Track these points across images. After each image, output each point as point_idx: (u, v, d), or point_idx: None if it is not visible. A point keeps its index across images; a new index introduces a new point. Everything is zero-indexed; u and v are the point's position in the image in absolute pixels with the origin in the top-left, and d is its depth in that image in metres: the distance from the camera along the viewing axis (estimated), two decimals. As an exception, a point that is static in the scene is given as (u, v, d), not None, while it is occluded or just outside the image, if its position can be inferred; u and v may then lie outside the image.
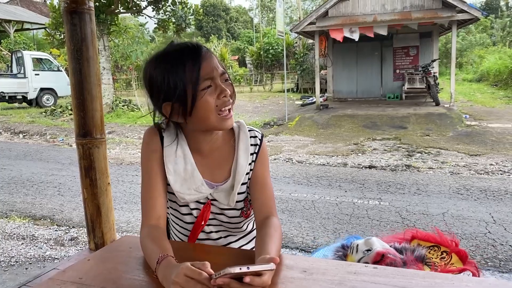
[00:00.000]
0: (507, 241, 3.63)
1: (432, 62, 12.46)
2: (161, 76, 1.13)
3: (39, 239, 4.01)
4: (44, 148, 8.66)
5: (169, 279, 0.91)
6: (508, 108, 12.55)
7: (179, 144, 1.22)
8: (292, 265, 0.99)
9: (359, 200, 4.88)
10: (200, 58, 1.12)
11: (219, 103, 1.13)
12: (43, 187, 5.69)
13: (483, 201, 4.71)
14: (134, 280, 0.96)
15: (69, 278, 0.98)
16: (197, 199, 1.23)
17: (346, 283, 0.88)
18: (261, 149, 1.27)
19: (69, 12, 1.74)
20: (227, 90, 1.13)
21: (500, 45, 28.26)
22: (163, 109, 1.17)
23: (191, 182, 1.20)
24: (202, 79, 1.10)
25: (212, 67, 1.12)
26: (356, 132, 9.61)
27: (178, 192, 1.21)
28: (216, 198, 1.24)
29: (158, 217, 1.18)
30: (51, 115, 13.33)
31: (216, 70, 1.13)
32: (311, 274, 0.93)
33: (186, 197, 1.21)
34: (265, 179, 1.26)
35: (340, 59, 14.58)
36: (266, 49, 21.97)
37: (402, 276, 0.89)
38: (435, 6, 11.31)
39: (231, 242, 1.34)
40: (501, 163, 6.40)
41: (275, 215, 1.22)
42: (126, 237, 1.28)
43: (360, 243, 1.65)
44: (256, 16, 44.66)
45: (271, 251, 1.00)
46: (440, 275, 0.89)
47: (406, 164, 6.56)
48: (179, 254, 1.01)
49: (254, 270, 0.84)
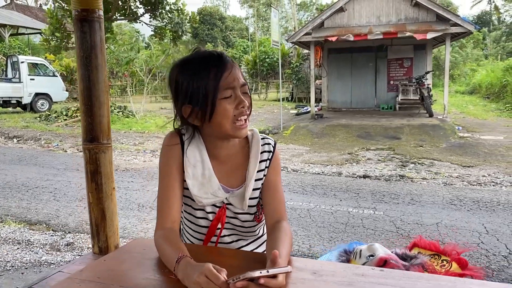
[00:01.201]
0: (500, 252, 3.69)
1: (425, 74, 12.63)
2: (186, 80, 1.20)
3: (35, 244, 4.00)
4: (38, 153, 8.64)
5: (191, 278, 0.95)
6: (499, 120, 12.72)
7: (198, 150, 1.26)
8: (302, 267, 1.03)
9: (354, 209, 4.93)
10: (224, 68, 1.18)
11: (237, 113, 1.19)
12: (38, 192, 5.68)
13: (476, 211, 4.78)
14: (150, 280, 1.00)
15: (87, 277, 1.01)
16: (214, 202, 1.27)
17: (355, 284, 0.92)
18: (274, 156, 1.34)
19: (80, 20, 1.78)
20: (246, 102, 1.19)
21: (492, 58, 28.68)
22: (183, 110, 1.21)
23: (209, 187, 1.25)
24: (223, 88, 1.16)
25: (234, 77, 1.18)
26: (350, 142, 9.69)
27: (196, 195, 1.25)
28: (231, 202, 1.29)
29: (174, 220, 1.22)
30: (46, 120, 13.30)
31: (238, 81, 1.19)
32: (320, 276, 0.97)
33: (203, 201, 1.26)
34: (277, 185, 1.31)
35: (335, 70, 14.72)
36: (262, 58, 22.10)
37: (408, 278, 0.93)
38: (430, 19, 11.49)
39: (242, 246, 1.37)
40: (493, 175, 6.49)
41: (286, 219, 1.27)
42: (139, 240, 1.32)
43: (363, 249, 1.69)
44: (251, 25, 44.96)
45: (282, 254, 1.04)
46: (443, 277, 0.93)
47: (400, 174, 6.63)
48: (194, 256, 1.04)
49: (271, 274, 0.88)
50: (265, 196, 1.30)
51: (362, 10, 12.15)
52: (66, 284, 1.01)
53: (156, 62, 15.46)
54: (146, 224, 4.49)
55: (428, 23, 11.44)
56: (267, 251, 1.14)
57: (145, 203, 5.21)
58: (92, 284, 0.98)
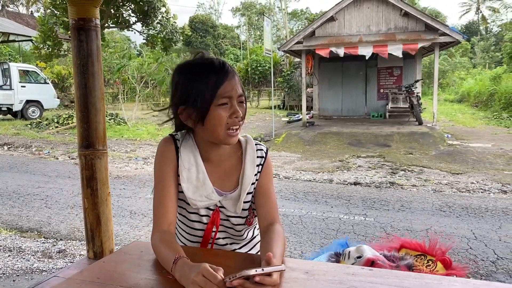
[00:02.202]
0: (488, 257, 3.76)
1: (415, 83, 12.80)
2: (186, 81, 1.25)
3: (26, 251, 3.99)
4: (29, 160, 8.59)
5: (189, 277, 0.98)
6: (487, 128, 12.90)
7: (192, 153, 1.31)
8: (295, 267, 1.07)
9: (345, 215, 4.98)
10: (225, 77, 1.23)
11: (230, 122, 1.23)
12: (29, 199, 5.66)
13: (464, 218, 4.85)
14: (149, 280, 1.03)
15: (87, 278, 1.04)
16: (207, 205, 1.31)
17: (345, 282, 0.96)
18: (266, 161, 1.39)
19: (77, 29, 1.81)
20: (240, 112, 1.25)
21: (480, 67, 29.12)
22: (179, 110, 1.27)
23: (203, 190, 1.29)
24: (221, 96, 1.21)
25: (232, 87, 1.23)
26: (341, 149, 9.77)
27: (190, 198, 1.29)
28: (224, 205, 1.33)
29: (170, 223, 1.25)
30: (37, 128, 13.22)
31: (236, 92, 1.24)
32: (313, 275, 1.01)
33: (198, 204, 1.29)
34: (269, 189, 1.36)
35: (326, 78, 14.86)
36: (253, 67, 22.23)
37: (396, 277, 0.98)
38: (419, 29, 11.68)
39: (235, 249, 1.41)
40: (482, 182, 6.59)
41: (278, 222, 1.31)
42: (136, 242, 1.35)
43: (352, 250, 1.75)
44: (242, 33, 45.17)
45: (276, 254, 1.08)
46: (430, 276, 0.98)
47: (390, 181, 6.70)
48: (190, 258, 1.08)
49: (266, 272, 0.92)
50: (258, 199, 1.34)
51: (352, 19, 12.31)
52: (66, 284, 1.04)
53: (148, 70, 15.48)
54: (138, 231, 4.50)
55: (417, 33, 11.63)
56: (261, 252, 1.18)
57: (137, 210, 5.21)
58: (92, 284, 1.01)
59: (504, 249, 3.93)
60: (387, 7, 12.01)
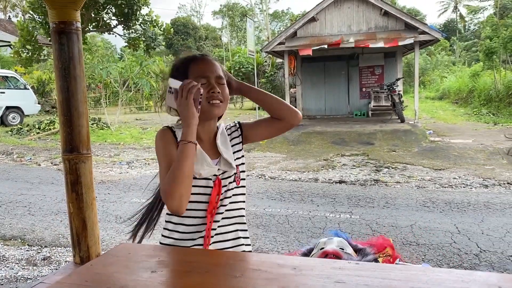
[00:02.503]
0: (471, 250, 3.83)
1: (396, 81, 12.97)
2: (174, 67, 1.54)
3: (10, 260, 3.92)
4: (11, 167, 8.45)
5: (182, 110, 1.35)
6: (468, 124, 13.15)
7: None
8: (283, 264, 1.09)
9: (331, 214, 5.02)
10: (201, 60, 1.49)
11: (209, 96, 1.44)
12: (12, 207, 5.56)
13: (448, 213, 4.94)
14: (137, 281, 1.03)
15: (76, 281, 1.04)
16: (210, 172, 1.45)
17: (333, 277, 0.98)
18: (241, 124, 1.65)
19: (58, 32, 1.80)
20: (216, 88, 1.45)
21: (460, 65, 29.64)
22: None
23: (203, 161, 1.44)
24: (199, 77, 1.44)
25: (209, 70, 1.47)
26: (325, 148, 9.84)
27: (195, 170, 1.40)
28: (223, 169, 1.48)
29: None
30: (18, 134, 13.00)
31: (212, 73, 1.47)
32: (300, 271, 1.03)
33: (202, 172, 1.43)
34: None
35: (308, 78, 14.95)
36: (236, 68, 22.25)
37: (382, 269, 1.00)
38: (399, 27, 11.85)
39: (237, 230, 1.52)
40: (464, 177, 6.71)
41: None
42: (124, 244, 1.35)
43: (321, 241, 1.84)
44: (224, 34, 45.13)
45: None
46: (415, 267, 1.00)
47: (375, 178, 6.78)
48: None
49: None
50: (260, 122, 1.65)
51: (333, 19, 12.42)
52: (55, 288, 1.03)
53: (131, 73, 15.36)
54: (124, 235, 4.46)
55: (397, 31, 11.79)
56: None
57: (123, 214, 5.17)
58: (81, 287, 1.00)
59: (486, 242, 4.01)
60: (367, 6, 12.15)
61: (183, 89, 1.37)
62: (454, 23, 44.99)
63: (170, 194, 1.30)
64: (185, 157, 1.32)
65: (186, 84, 1.36)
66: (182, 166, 1.31)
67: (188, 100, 1.36)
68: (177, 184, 1.30)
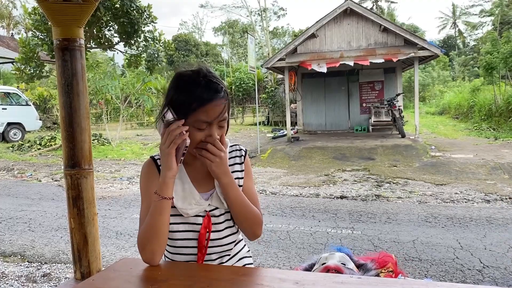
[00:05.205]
0: (474, 266, 3.80)
1: (396, 96, 13.04)
2: (175, 89, 1.29)
3: (10, 276, 3.89)
4: (12, 183, 8.44)
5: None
6: (469, 139, 13.14)
7: None
8: (285, 278, 1.08)
9: (332, 229, 4.99)
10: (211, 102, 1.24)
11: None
12: (12, 223, 5.54)
13: (450, 228, 4.91)
14: (139, 295, 1.03)
15: (77, 297, 1.03)
16: (198, 212, 1.34)
17: (335, 291, 0.98)
18: (246, 161, 1.45)
19: (61, 49, 1.82)
20: (214, 136, 1.27)
21: (459, 80, 29.80)
22: (164, 110, 1.30)
23: (191, 198, 1.33)
24: (202, 121, 1.25)
25: (214, 112, 1.25)
26: (326, 164, 9.83)
27: (181, 208, 1.32)
28: (214, 205, 1.36)
29: None
30: (19, 150, 13.03)
31: (217, 118, 1.26)
32: (302, 285, 1.02)
33: (188, 211, 1.33)
34: (251, 189, 1.43)
35: (309, 94, 15.03)
36: (237, 84, 22.39)
37: (384, 284, 0.99)
38: (398, 43, 11.94)
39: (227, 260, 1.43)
40: (465, 192, 6.69)
41: (260, 212, 1.41)
42: (125, 259, 1.34)
43: (323, 257, 1.82)
44: (225, 51, 45.48)
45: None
46: (416, 281, 1.00)
47: (376, 194, 6.76)
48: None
49: None
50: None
51: (333, 36, 12.53)
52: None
53: (132, 90, 15.45)
54: (125, 251, 4.44)
55: (397, 47, 11.88)
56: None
57: (123, 230, 5.15)
58: (82, 302, 1.00)
59: (489, 257, 3.98)
60: (366, 23, 12.26)
61: (169, 134, 1.20)
62: (453, 39, 45.35)
63: (142, 248, 1.26)
64: (159, 214, 1.23)
65: (172, 131, 1.19)
66: (155, 223, 1.23)
67: (169, 149, 1.21)
68: (149, 240, 1.24)
